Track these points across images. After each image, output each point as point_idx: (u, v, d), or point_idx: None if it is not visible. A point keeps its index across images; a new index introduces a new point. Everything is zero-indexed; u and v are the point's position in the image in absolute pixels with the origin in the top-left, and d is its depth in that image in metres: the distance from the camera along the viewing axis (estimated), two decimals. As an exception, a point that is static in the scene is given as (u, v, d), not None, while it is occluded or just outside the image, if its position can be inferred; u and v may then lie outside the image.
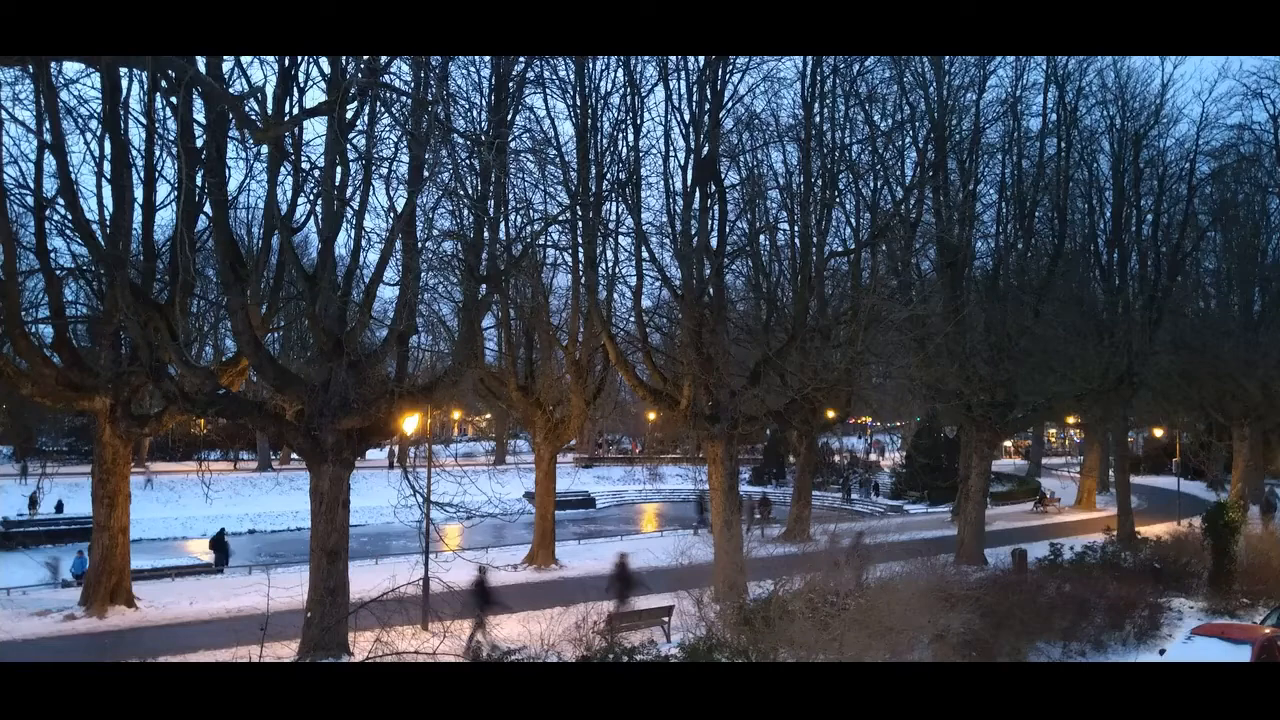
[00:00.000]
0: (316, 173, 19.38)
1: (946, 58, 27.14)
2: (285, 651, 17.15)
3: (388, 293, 22.43)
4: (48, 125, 20.59)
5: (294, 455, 50.00)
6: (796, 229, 26.31)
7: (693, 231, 23.37)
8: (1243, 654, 15.16)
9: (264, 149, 18.94)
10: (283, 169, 18.82)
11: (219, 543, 31.66)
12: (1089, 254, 35.15)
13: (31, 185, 21.56)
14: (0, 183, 20.50)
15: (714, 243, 24.11)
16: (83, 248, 21.98)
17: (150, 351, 19.47)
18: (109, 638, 19.94)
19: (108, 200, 21.53)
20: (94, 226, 21.08)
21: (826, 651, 13.46)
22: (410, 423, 21.18)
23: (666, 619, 19.20)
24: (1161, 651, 17.17)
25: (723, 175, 24.55)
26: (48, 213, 21.82)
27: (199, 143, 18.25)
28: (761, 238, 27.33)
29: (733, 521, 22.88)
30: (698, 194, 23.51)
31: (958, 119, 29.59)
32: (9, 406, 45.31)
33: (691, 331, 22.99)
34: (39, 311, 24.46)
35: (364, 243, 19.92)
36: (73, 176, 20.80)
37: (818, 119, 25.02)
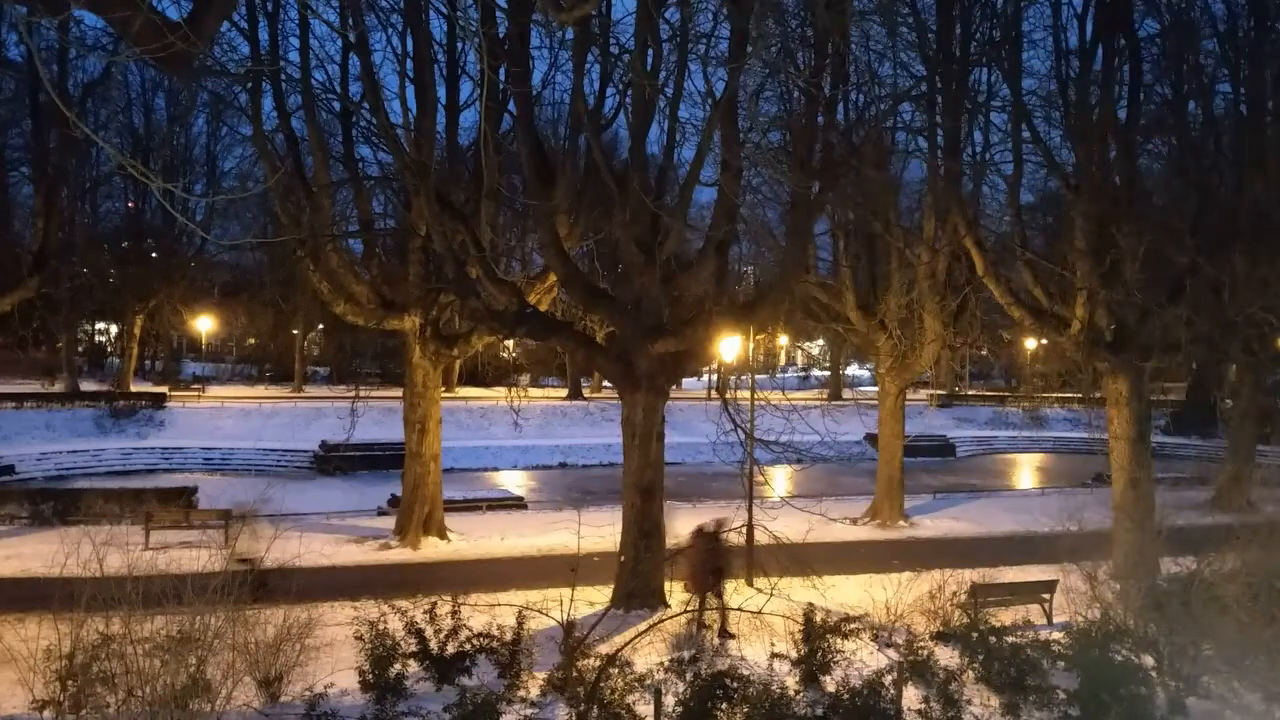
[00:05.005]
0: (625, 57, 20.15)
1: None
2: (597, 596, 18.62)
3: (705, 195, 23.10)
4: (351, 23, 23.16)
5: (605, 384, 53.56)
6: (1242, 91, 24.96)
7: (1093, 101, 22.08)
8: None
9: (569, 34, 19.95)
10: (589, 56, 19.77)
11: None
12: None
13: (338, 89, 24.53)
14: (309, 88, 23.51)
15: (1122, 115, 22.73)
16: (388, 155, 24.69)
17: (456, 265, 21.52)
18: (421, 570, 22.65)
19: (411, 104, 23.96)
20: (398, 131, 23.54)
21: (1269, 652, 12.30)
22: (730, 346, 21.76)
23: (1048, 595, 18.53)
24: None
25: (1135, 24, 23.18)
26: (353, 119, 24.73)
27: (501, 31, 19.61)
28: (1190, 104, 25.38)
29: (1141, 480, 21.39)
30: (1099, 52, 22.20)
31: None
32: (325, 326, 52.36)
33: (1090, 232, 21.47)
34: (348, 226, 27.91)
35: (678, 136, 20.58)
36: (376, 78, 23.33)
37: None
